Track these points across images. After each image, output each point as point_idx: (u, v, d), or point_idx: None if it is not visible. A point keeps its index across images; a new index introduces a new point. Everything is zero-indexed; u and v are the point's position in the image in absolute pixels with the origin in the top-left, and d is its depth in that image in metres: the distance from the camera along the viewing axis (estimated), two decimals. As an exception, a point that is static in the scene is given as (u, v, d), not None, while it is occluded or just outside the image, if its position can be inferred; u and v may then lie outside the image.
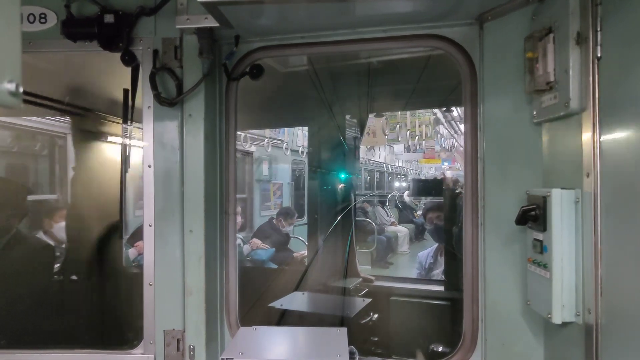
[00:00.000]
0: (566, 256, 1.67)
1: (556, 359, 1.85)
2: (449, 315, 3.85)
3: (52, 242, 4.35)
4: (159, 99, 2.11)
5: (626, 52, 1.41)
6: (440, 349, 3.19)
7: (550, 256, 1.68)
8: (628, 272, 1.41)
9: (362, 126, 5.89)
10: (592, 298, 1.56)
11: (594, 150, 1.54)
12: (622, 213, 1.45)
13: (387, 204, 15.43)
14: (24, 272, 3.34)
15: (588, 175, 1.57)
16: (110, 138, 3.95)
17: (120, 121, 2.43)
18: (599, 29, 1.52)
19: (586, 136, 1.58)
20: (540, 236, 1.75)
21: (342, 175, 5.69)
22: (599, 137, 1.53)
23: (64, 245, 4.20)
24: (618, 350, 1.47)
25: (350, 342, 2.03)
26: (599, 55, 1.52)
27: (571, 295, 1.66)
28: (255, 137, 9.47)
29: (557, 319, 1.67)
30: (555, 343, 1.85)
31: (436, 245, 5.84)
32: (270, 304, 3.54)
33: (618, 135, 1.46)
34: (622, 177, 1.44)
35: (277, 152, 10.62)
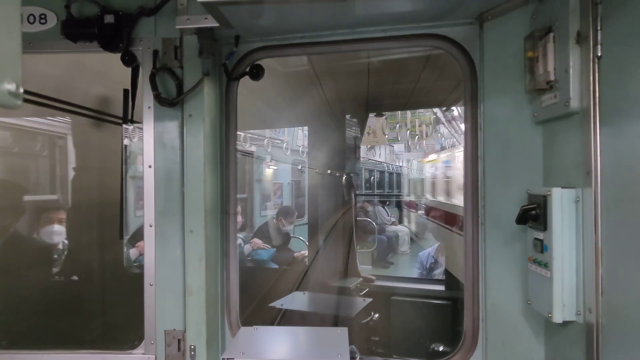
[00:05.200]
0: (567, 255, 1.67)
1: (557, 358, 1.85)
2: (450, 314, 3.86)
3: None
4: (159, 99, 2.12)
5: (626, 51, 1.41)
6: (441, 348, 3.19)
7: (550, 255, 1.68)
8: (628, 271, 1.41)
9: (362, 126, 5.90)
10: (593, 297, 1.56)
11: (594, 149, 1.54)
12: (622, 212, 1.45)
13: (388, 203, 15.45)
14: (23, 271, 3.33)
15: (588, 174, 1.57)
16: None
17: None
18: (599, 28, 1.52)
19: (586, 135, 1.58)
20: (540, 235, 1.75)
21: (343, 175, 5.70)
22: (599, 136, 1.53)
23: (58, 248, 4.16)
24: (619, 349, 1.47)
25: (351, 342, 2.03)
26: (599, 54, 1.52)
27: (572, 295, 1.66)
28: (256, 137, 9.47)
29: (557, 318, 1.67)
30: (556, 342, 1.85)
31: (437, 244, 5.85)
32: (271, 304, 3.54)
33: (618, 134, 1.46)
34: (622, 176, 1.44)
35: (278, 152, 10.62)
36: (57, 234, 3.90)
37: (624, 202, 1.44)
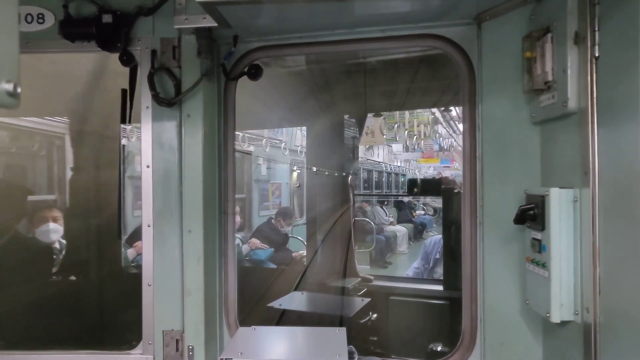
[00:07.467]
0: (564, 255, 1.67)
1: (555, 358, 1.85)
2: (448, 314, 3.86)
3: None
4: (158, 99, 2.11)
5: (623, 51, 1.41)
6: (439, 348, 3.19)
7: (548, 255, 1.69)
8: (626, 270, 1.41)
9: (360, 126, 5.90)
10: (591, 297, 1.56)
11: (591, 149, 1.55)
12: (620, 212, 1.45)
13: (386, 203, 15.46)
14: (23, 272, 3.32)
15: (586, 175, 1.57)
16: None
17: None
18: (596, 29, 1.52)
19: (584, 135, 1.58)
20: (538, 235, 1.75)
21: (341, 175, 5.69)
22: (597, 137, 1.54)
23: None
24: (616, 349, 1.47)
25: (349, 342, 2.03)
26: (596, 54, 1.53)
27: (570, 294, 1.67)
28: (254, 137, 9.47)
29: (555, 318, 1.67)
30: (554, 342, 1.85)
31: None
32: (269, 304, 3.54)
33: (616, 135, 1.46)
34: (619, 176, 1.45)
35: (276, 152, 10.61)
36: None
37: (621, 202, 1.44)
